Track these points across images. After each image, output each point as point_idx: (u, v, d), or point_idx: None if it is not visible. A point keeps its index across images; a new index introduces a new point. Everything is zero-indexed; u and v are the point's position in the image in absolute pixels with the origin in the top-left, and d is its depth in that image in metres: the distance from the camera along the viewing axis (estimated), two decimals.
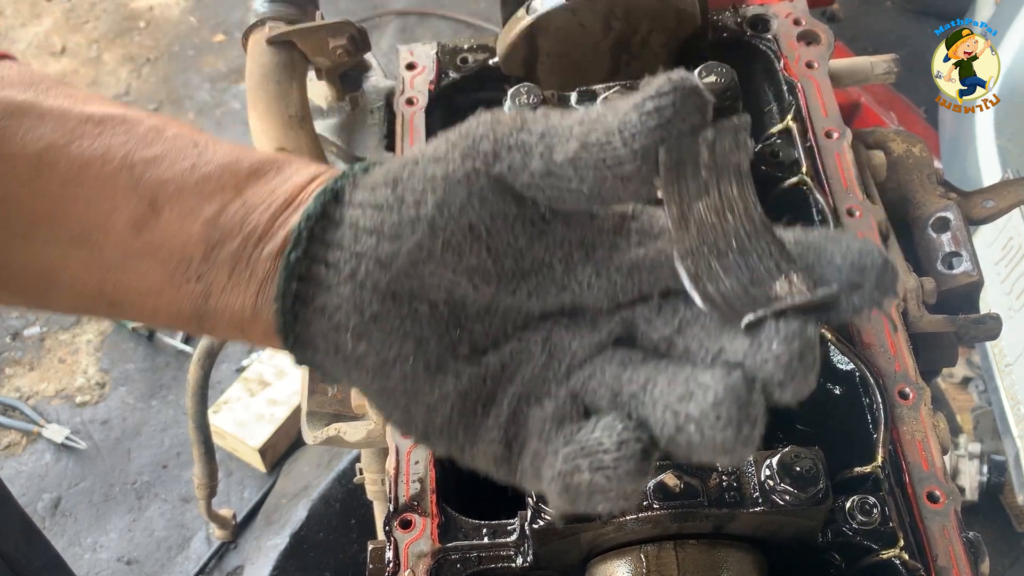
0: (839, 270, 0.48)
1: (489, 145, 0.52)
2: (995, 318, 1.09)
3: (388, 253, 0.52)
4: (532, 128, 0.51)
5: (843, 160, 1.13)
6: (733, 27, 1.25)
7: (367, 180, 0.55)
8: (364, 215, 0.53)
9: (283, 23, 1.30)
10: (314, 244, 0.54)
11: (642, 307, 0.52)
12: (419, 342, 0.53)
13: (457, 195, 0.52)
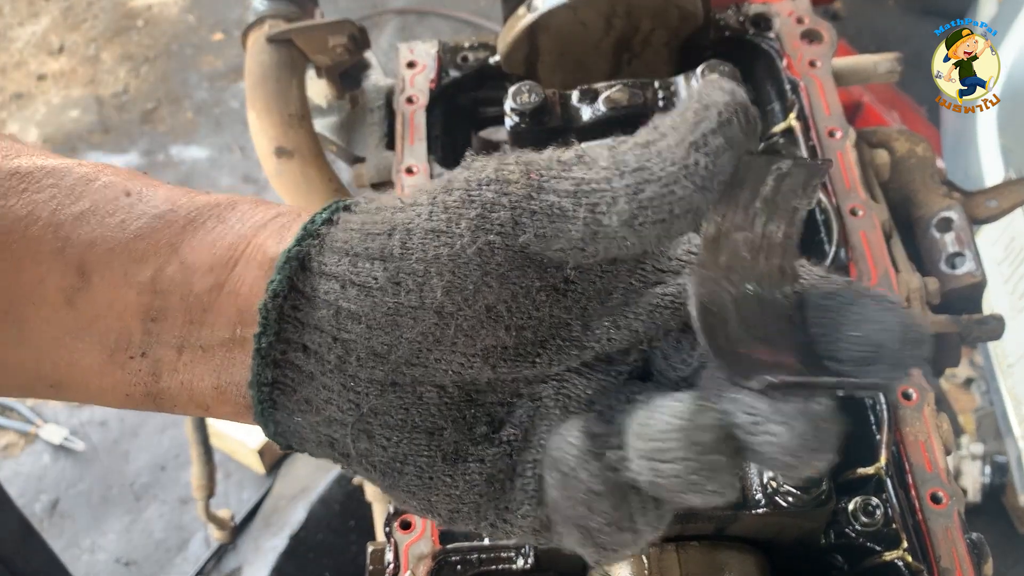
0: (871, 345, 0.42)
1: (506, 214, 0.43)
2: (998, 318, 1.09)
3: (384, 343, 0.44)
4: (558, 187, 0.42)
5: (846, 159, 1.12)
6: (735, 25, 1.24)
7: (338, 241, 0.46)
8: (346, 295, 0.45)
9: (282, 21, 1.29)
10: (286, 325, 0.46)
11: (660, 342, 0.48)
12: (431, 433, 0.46)
13: (470, 278, 0.43)
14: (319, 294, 0.46)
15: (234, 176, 3.34)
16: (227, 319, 0.48)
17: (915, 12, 3.33)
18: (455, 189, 0.45)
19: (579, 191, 0.42)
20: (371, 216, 0.47)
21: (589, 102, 1.07)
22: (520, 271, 0.44)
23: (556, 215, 0.42)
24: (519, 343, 0.46)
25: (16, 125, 3.53)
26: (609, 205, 0.41)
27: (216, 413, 0.50)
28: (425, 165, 1.18)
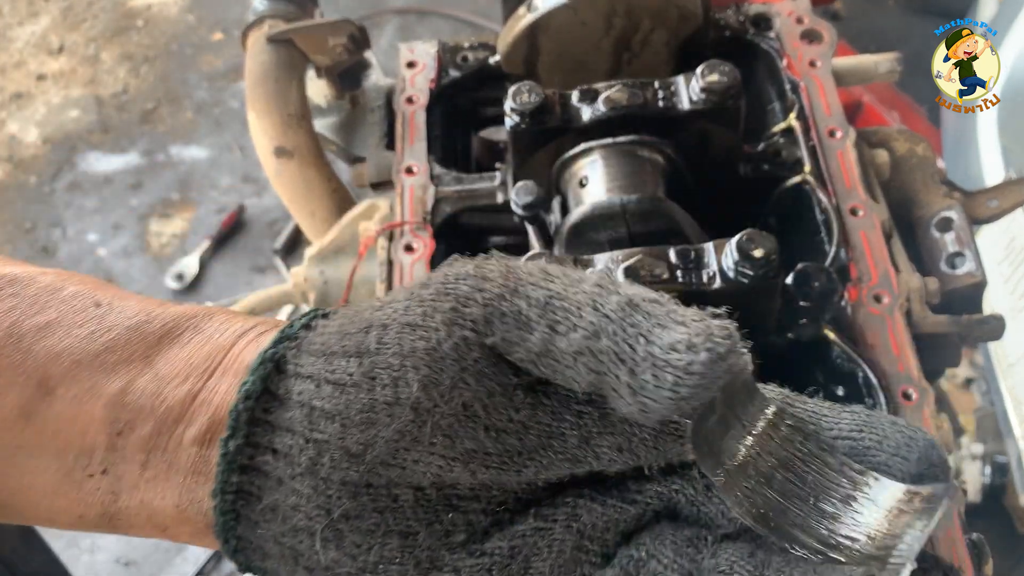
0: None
1: (479, 312, 0.42)
2: (998, 319, 1.09)
3: (360, 442, 0.42)
4: (531, 295, 0.42)
5: (846, 159, 1.12)
6: (735, 25, 1.24)
7: (315, 343, 0.45)
8: (320, 393, 0.43)
9: (282, 21, 1.29)
10: (256, 428, 0.44)
11: (681, 483, 0.45)
12: (405, 537, 0.43)
13: (447, 372, 0.42)
14: (292, 395, 0.44)
15: (234, 176, 3.34)
16: (197, 429, 0.45)
17: (915, 12, 3.32)
18: (432, 283, 0.44)
19: (549, 304, 0.41)
20: (349, 317, 0.45)
21: (589, 102, 1.07)
22: (496, 369, 0.43)
23: (521, 322, 0.41)
24: (503, 449, 0.43)
25: (16, 125, 3.53)
26: (568, 330, 0.40)
27: (174, 534, 0.47)
28: (425, 165, 1.17)
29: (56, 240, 3.23)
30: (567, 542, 0.44)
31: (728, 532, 0.44)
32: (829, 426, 0.44)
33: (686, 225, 1.01)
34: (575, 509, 0.44)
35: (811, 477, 0.41)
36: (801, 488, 0.41)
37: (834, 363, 1.00)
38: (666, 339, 0.39)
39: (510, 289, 0.42)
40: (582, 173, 1.08)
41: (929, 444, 0.43)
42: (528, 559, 0.44)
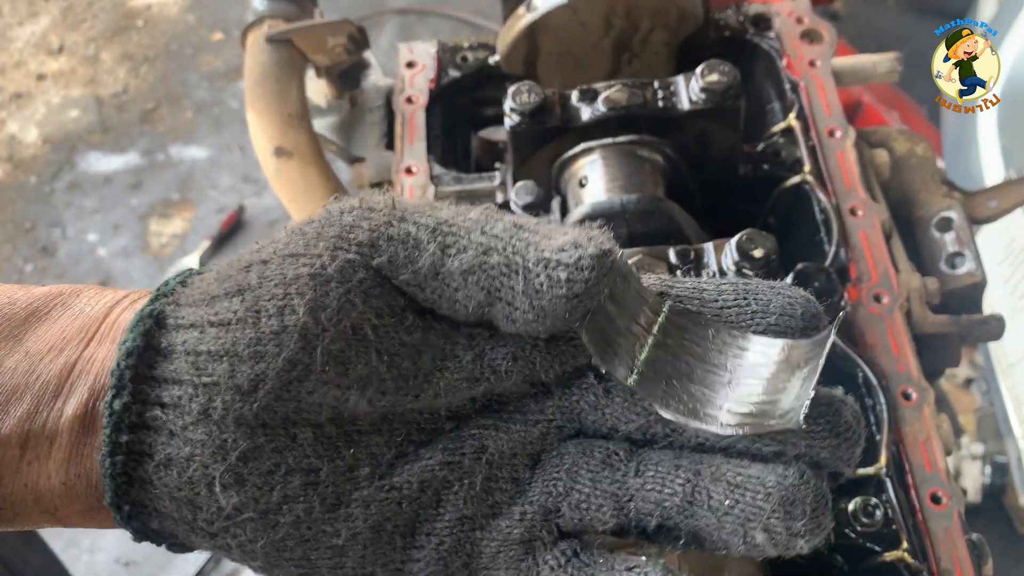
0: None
1: (365, 235, 0.42)
2: (998, 318, 1.09)
3: (250, 378, 0.41)
4: (419, 220, 0.42)
5: (846, 159, 1.12)
6: (735, 25, 1.24)
7: (194, 293, 0.45)
8: (204, 337, 0.42)
9: (282, 21, 1.29)
10: (141, 385, 0.43)
11: (579, 392, 0.45)
12: (307, 474, 0.43)
13: (332, 294, 0.41)
14: (176, 346, 0.43)
15: (234, 176, 3.34)
16: (78, 400, 0.43)
17: (915, 12, 3.32)
18: (315, 219, 0.44)
19: (438, 228, 0.42)
20: (227, 263, 0.45)
21: (588, 102, 1.07)
22: (384, 290, 0.43)
23: (410, 244, 0.42)
24: (397, 374, 0.43)
25: (16, 125, 3.53)
26: (459, 251, 0.41)
27: (64, 516, 0.45)
28: (425, 165, 1.17)
29: (56, 240, 3.23)
30: (476, 473, 0.44)
31: (636, 437, 0.45)
32: (712, 298, 0.45)
33: (686, 225, 1.01)
34: (481, 440, 0.44)
35: (707, 355, 0.43)
36: (700, 369, 0.43)
37: (834, 363, 1.00)
38: (554, 243, 0.40)
39: (397, 216, 0.43)
40: (582, 173, 1.08)
41: (806, 300, 0.44)
42: (439, 492, 0.44)
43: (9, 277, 3.17)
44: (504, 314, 0.41)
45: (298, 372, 0.41)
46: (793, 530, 0.43)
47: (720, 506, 0.42)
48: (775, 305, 0.44)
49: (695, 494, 0.43)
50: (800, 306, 0.44)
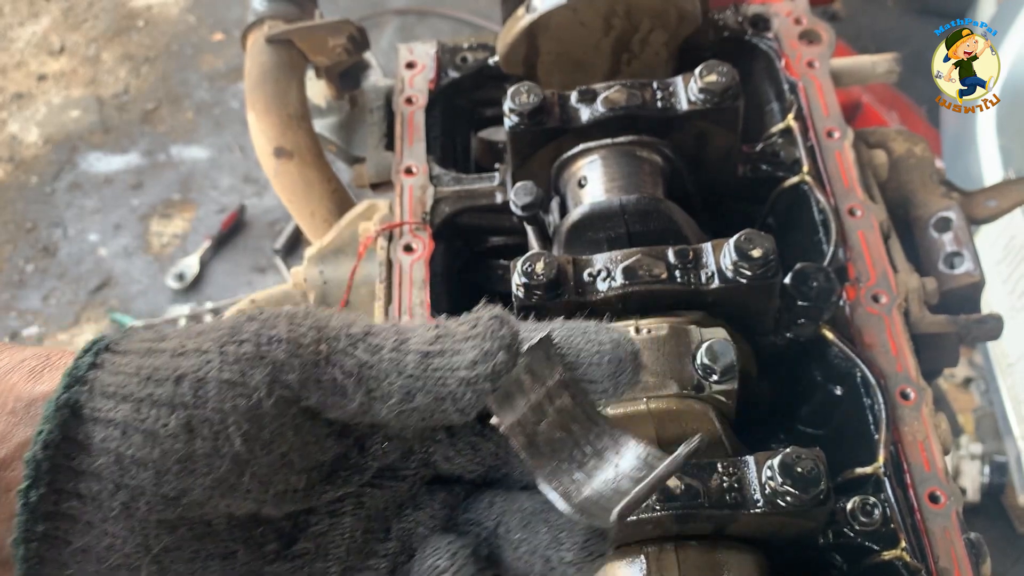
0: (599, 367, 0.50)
1: (295, 376, 0.46)
2: (997, 318, 1.09)
3: (177, 489, 0.44)
4: (344, 364, 0.46)
5: (844, 159, 1.13)
6: (734, 26, 1.25)
7: (111, 383, 0.46)
8: (129, 441, 0.44)
9: (282, 22, 1.29)
10: (58, 475, 0.44)
11: (437, 446, 0.51)
12: (224, 558, 0.47)
13: (268, 428, 0.45)
14: (95, 441, 0.44)
15: (234, 176, 3.34)
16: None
17: (914, 12, 3.33)
18: (245, 341, 0.46)
19: (361, 375, 0.46)
20: (147, 360, 0.46)
21: (588, 102, 1.07)
22: (312, 423, 0.47)
23: (337, 391, 0.46)
24: (308, 484, 0.48)
25: (17, 125, 3.53)
26: (384, 397, 0.46)
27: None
28: (424, 165, 1.18)
29: (57, 240, 3.23)
30: (357, 528, 0.50)
31: (477, 481, 0.52)
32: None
33: (685, 225, 1.02)
34: (359, 498, 0.50)
35: (586, 445, 0.49)
36: (566, 444, 0.49)
37: (832, 362, 1.00)
38: (467, 359, 0.46)
39: (324, 357, 0.46)
40: (581, 173, 1.08)
41: (619, 343, 0.49)
42: (328, 548, 0.49)
43: (11, 277, 3.18)
44: (430, 426, 0.48)
45: (223, 489, 0.45)
46: (566, 560, 0.48)
47: (515, 540, 0.49)
48: (585, 354, 0.49)
49: (499, 527, 0.50)
50: (616, 356, 0.49)
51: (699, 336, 0.90)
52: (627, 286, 0.92)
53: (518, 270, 0.92)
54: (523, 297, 0.93)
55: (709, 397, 0.88)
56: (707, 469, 0.82)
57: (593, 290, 0.93)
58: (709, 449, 0.89)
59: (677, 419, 0.89)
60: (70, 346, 3.02)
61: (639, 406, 0.88)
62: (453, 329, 0.48)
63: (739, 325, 0.95)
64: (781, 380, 1.04)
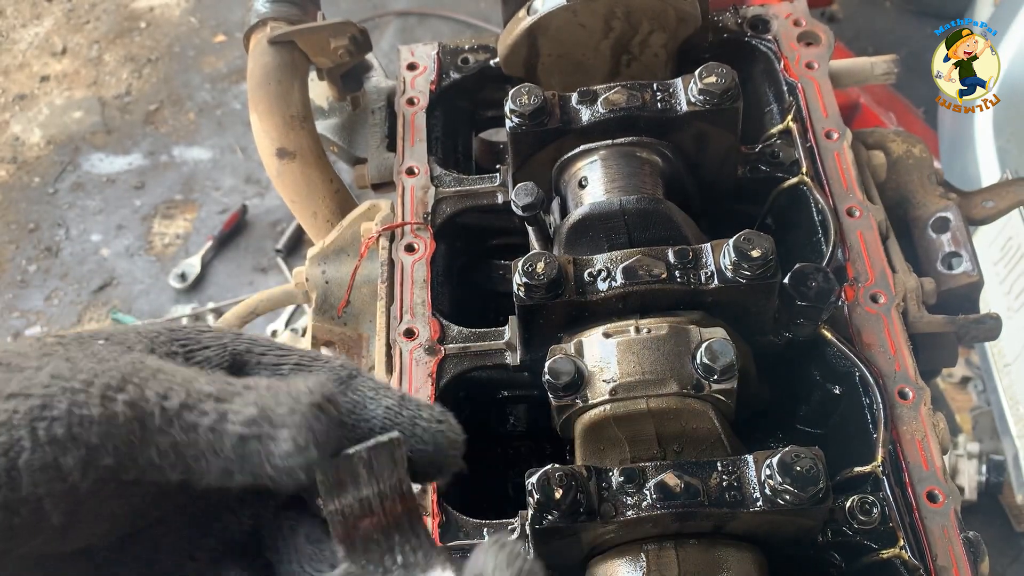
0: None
1: (110, 460, 0.46)
2: (995, 318, 1.10)
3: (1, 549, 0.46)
4: (160, 444, 0.47)
5: (843, 160, 1.13)
6: (733, 28, 1.25)
7: None
8: None
9: (284, 23, 1.30)
10: None
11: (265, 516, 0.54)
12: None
13: (87, 503, 0.47)
14: None
15: (236, 177, 3.35)
16: None
17: (912, 14, 3.33)
18: (56, 420, 0.46)
19: (178, 454, 0.47)
20: None
21: (588, 104, 1.07)
22: (135, 485, 0.48)
23: (155, 469, 0.47)
24: (136, 521, 0.50)
25: (19, 126, 3.54)
26: (203, 474, 0.47)
27: None
28: (426, 166, 1.18)
29: (59, 240, 3.24)
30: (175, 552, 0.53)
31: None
32: (369, 416, 0.52)
33: (684, 225, 1.02)
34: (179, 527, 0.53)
35: (394, 542, 0.50)
36: (380, 547, 0.50)
37: (831, 362, 1.01)
38: (281, 448, 0.47)
39: (138, 438, 0.46)
40: (581, 174, 1.09)
41: (439, 432, 0.53)
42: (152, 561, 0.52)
43: (13, 277, 3.19)
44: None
45: (46, 545, 0.47)
46: None
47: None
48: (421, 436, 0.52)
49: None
50: (436, 440, 0.52)
51: (699, 336, 0.90)
52: (627, 286, 0.93)
53: (519, 270, 0.93)
54: (524, 297, 0.93)
55: (708, 396, 0.89)
56: (707, 468, 0.83)
57: (593, 290, 0.94)
58: (709, 448, 0.90)
59: (677, 418, 0.89)
60: None
61: (639, 405, 0.89)
62: (273, 410, 0.47)
63: (738, 325, 0.96)
64: (780, 379, 1.04)
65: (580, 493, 0.81)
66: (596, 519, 0.81)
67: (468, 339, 1.03)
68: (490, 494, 1.03)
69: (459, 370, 1.02)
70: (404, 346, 1.03)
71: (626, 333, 0.91)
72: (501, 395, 1.07)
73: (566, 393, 0.90)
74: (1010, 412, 2.08)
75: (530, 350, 0.99)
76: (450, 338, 1.04)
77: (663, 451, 0.89)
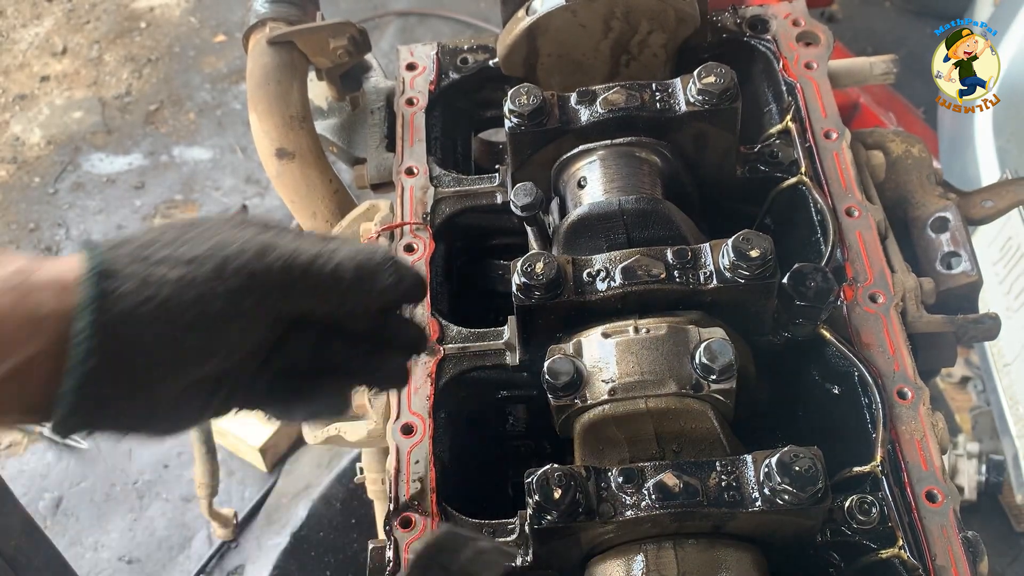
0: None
1: (271, 301, 0.69)
2: (994, 318, 1.10)
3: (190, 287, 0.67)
4: (305, 287, 0.71)
5: (842, 160, 1.13)
6: (732, 28, 1.25)
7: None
8: (155, 270, 0.66)
9: (284, 24, 1.30)
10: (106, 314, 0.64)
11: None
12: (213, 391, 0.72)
13: (255, 330, 0.69)
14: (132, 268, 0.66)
15: (236, 177, 3.35)
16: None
17: (911, 14, 3.33)
18: (230, 277, 0.68)
19: (310, 288, 0.71)
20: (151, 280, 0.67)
21: (587, 104, 1.08)
22: (280, 319, 0.71)
23: (296, 303, 0.71)
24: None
25: (19, 126, 3.54)
26: (327, 301, 0.73)
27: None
28: (425, 166, 1.19)
29: (59, 240, 3.24)
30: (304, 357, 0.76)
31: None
32: None
33: (683, 225, 1.02)
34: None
35: None
36: None
37: (830, 362, 1.01)
38: (383, 280, 0.74)
39: (289, 285, 0.70)
40: (580, 174, 1.09)
41: None
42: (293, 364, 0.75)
43: None
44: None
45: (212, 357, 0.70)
46: None
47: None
48: None
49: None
50: None
51: (697, 336, 0.90)
52: (626, 286, 0.93)
53: (518, 270, 0.93)
54: (523, 297, 0.93)
55: (707, 396, 0.89)
56: (706, 468, 0.83)
57: (592, 290, 0.94)
58: (708, 448, 0.90)
59: (676, 418, 0.90)
60: None
61: (638, 405, 0.89)
62: (371, 256, 0.73)
63: (737, 325, 0.96)
64: (779, 379, 1.05)
65: (579, 493, 0.81)
66: (595, 519, 0.81)
67: (467, 339, 1.03)
68: (489, 494, 1.03)
69: (458, 370, 1.02)
70: None
71: (625, 333, 0.91)
72: (500, 395, 1.07)
73: (565, 393, 0.90)
74: (1010, 412, 2.08)
75: (529, 350, 1.00)
76: (449, 338, 1.04)
77: (662, 451, 0.90)
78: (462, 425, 1.04)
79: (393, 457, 0.96)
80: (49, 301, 0.66)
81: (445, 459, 0.98)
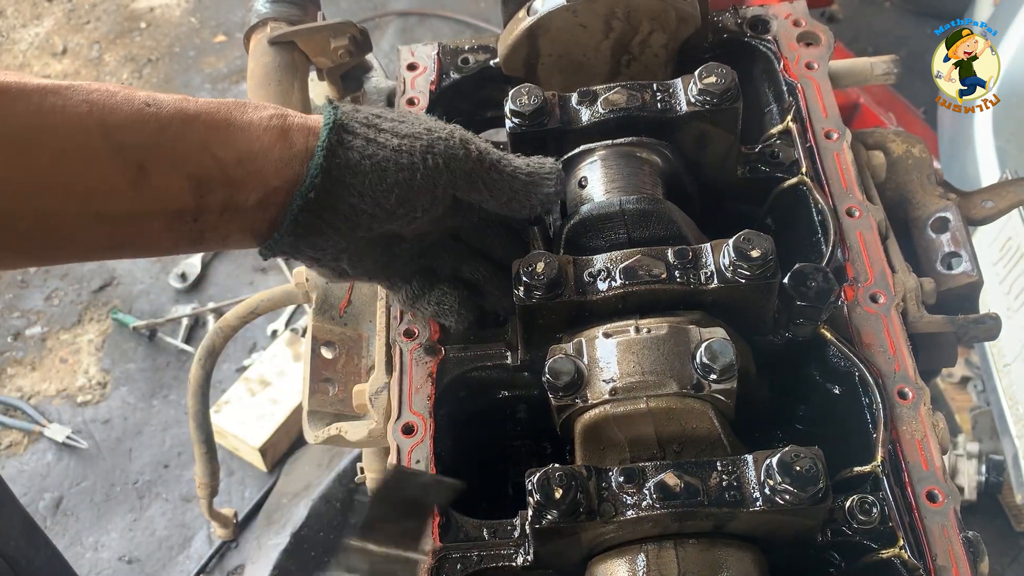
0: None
1: (458, 183, 0.89)
2: (994, 318, 1.10)
3: (423, 151, 0.87)
4: (484, 179, 0.90)
5: (843, 160, 1.13)
6: (733, 28, 1.25)
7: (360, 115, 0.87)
8: (379, 132, 0.85)
9: (285, 24, 1.30)
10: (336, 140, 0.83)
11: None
12: (389, 258, 0.93)
13: (439, 203, 0.88)
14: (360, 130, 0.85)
15: None
16: (258, 185, 0.81)
17: (912, 14, 3.34)
18: (436, 154, 0.87)
19: (490, 188, 0.92)
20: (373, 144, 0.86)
21: (588, 104, 1.08)
22: (455, 200, 0.91)
23: (478, 192, 0.91)
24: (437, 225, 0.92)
25: None
26: (498, 198, 0.93)
27: (231, 243, 0.85)
28: None
29: None
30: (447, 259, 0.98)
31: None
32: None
33: (684, 225, 1.02)
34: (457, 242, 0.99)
35: None
36: None
37: (831, 362, 1.01)
38: (546, 189, 0.94)
39: (475, 172, 0.90)
40: (581, 174, 1.09)
41: None
42: (434, 260, 0.97)
43: (13, 277, 3.19)
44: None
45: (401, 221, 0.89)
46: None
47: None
48: None
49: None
50: None
51: (698, 336, 0.90)
52: (627, 286, 0.93)
53: (519, 270, 0.93)
54: (524, 297, 0.93)
55: (708, 396, 0.89)
56: (706, 467, 0.83)
57: (593, 290, 0.94)
58: (709, 448, 0.90)
59: (676, 418, 0.90)
60: (73, 345, 3.03)
61: (639, 405, 0.89)
62: (540, 167, 0.93)
63: (738, 325, 0.96)
64: (780, 379, 1.05)
65: (580, 493, 0.81)
66: (596, 519, 0.81)
67: (468, 339, 1.03)
68: (490, 494, 1.03)
69: (459, 370, 1.02)
70: (404, 346, 1.03)
71: (626, 333, 0.91)
72: (501, 395, 1.07)
73: (566, 393, 0.90)
74: (1010, 412, 2.08)
75: (530, 350, 1.00)
76: (450, 338, 1.04)
77: (663, 451, 0.90)
78: (463, 425, 1.04)
79: (394, 457, 0.96)
80: (299, 142, 0.80)
81: (446, 459, 0.98)
